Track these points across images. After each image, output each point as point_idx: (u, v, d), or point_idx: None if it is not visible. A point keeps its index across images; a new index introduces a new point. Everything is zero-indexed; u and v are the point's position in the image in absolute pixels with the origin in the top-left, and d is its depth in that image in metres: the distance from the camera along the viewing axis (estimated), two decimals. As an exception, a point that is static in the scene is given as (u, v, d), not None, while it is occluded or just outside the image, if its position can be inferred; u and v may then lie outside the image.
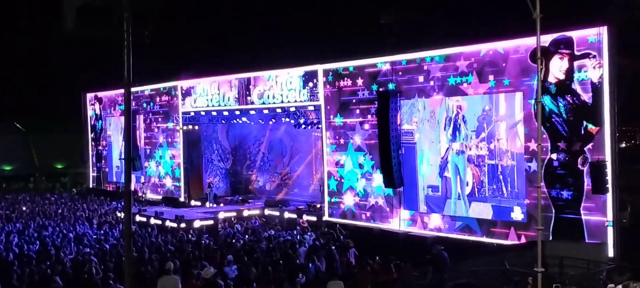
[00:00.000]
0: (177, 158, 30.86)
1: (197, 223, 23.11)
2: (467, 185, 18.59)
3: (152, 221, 24.25)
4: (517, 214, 17.30)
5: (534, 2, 8.04)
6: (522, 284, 10.41)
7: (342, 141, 22.17)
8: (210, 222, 23.47)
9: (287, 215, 24.40)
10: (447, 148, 19.11)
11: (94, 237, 20.41)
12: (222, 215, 24.50)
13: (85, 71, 38.72)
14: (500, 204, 17.68)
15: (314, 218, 23.03)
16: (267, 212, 25.59)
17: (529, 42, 16.62)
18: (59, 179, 45.29)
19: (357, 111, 21.69)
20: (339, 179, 22.32)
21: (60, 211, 27.65)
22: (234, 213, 25.07)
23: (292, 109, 24.43)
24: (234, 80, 26.65)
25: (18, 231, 21.70)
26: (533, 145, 16.66)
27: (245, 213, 25.41)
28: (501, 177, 17.72)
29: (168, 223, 23.74)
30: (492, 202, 17.89)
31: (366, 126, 21.45)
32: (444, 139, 19.16)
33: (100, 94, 37.10)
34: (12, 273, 13.82)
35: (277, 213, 24.99)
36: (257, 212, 25.71)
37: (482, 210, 18.16)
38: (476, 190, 18.33)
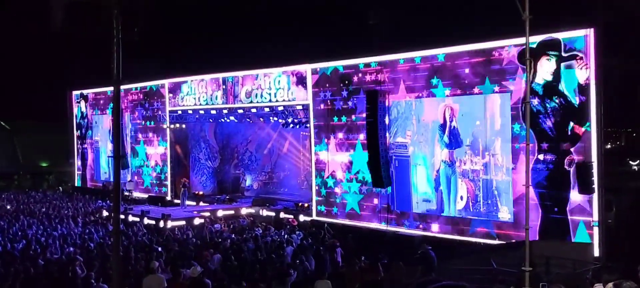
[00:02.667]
0: (163, 157, 30.70)
1: (182, 222, 22.97)
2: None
3: (133, 219, 24.16)
4: (504, 214, 17.39)
5: (523, 3, 8.07)
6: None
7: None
8: (196, 221, 23.33)
9: (274, 214, 24.33)
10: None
11: (79, 235, 20.23)
12: (207, 215, 24.38)
13: (70, 69, 38.38)
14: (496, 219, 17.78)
15: (302, 218, 23.00)
16: (254, 210, 25.51)
17: (517, 42, 16.75)
18: (44, 177, 44.87)
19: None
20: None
21: (45, 210, 27.37)
22: (221, 213, 24.94)
23: (280, 108, 24.40)
24: (221, 79, 26.56)
25: (2, 229, 21.45)
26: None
27: (233, 212, 25.30)
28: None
29: (149, 221, 23.65)
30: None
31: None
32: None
33: (86, 92, 36.81)
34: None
35: (264, 212, 24.91)
36: (244, 210, 25.61)
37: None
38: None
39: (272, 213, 24.48)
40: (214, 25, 33.17)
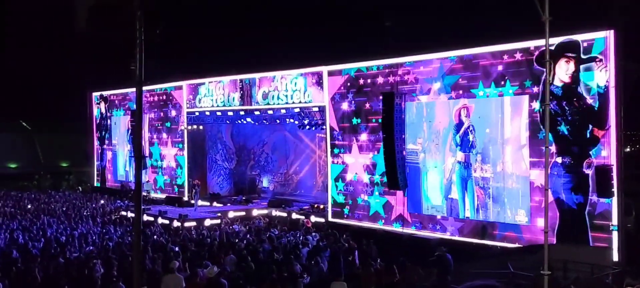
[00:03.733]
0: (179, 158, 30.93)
1: (198, 223, 23.11)
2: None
3: (148, 218, 24.38)
4: (521, 217, 17.28)
5: (543, 4, 8.03)
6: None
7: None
8: (214, 221, 23.47)
9: (290, 215, 24.39)
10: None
11: (98, 235, 20.45)
12: (224, 215, 24.53)
13: (91, 70, 38.85)
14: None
15: (318, 219, 23.04)
16: (267, 212, 25.59)
17: (535, 44, 16.67)
18: (64, 177, 45.40)
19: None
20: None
21: (64, 209, 27.72)
22: (239, 214, 25.06)
23: (297, 110, 24.46)
24: (238, 81, 26.71)
25: (23, 228, 21.75)
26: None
27: (255, 212, 25.40)
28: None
29: (167, 221, 23.83)
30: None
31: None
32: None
33: (105, 93, 37.22)
34: (35, 269, 13.89)
35: (280, 213, 24.98)
36: (261, 212, 25.72)
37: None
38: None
39: (284, 214, 24.56)
40: (231, 27, 33.35)
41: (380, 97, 20.25)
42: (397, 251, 16.47)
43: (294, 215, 24.35)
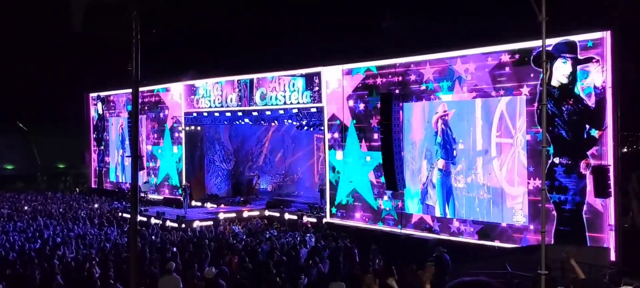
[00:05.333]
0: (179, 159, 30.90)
1: (196, 224, 23.08)
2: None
3: (154, 221, 24.31)
4: (519, 218, 17.29)
5: (540, 4, 8.03)
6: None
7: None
8: (210, 222, 23.44)
9: (289, 216, 24.39)
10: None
11: (96, 236, 20.42)
12: (222, 216, 24.50)
13: (87, 71, 38.79)
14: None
15: (315, 220, 23.04)
16: (268, 213, 25.59)
17: (532, 45, 16.68)
18: (61, 178, 45.35)
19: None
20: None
21: (62, 210, 27.67)
22: (230, 215, 25.02)
23: (295, 111, 24.45)
24: (237, 82, 26.70)
25: (20, 230, 21.71)
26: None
27: (246, 214, 25.40)
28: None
29: (169, 223, 23.77)
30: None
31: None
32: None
33: (103, 94, 37.19)
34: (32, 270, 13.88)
35: (278, 214, 24.97)
36: (252, 213, 25.69)
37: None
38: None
39: (277, 214, 24.57)
40: (229, 27, 33.29)
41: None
42: (395, 251, 16.48)
43: (287, 215, 24.34)
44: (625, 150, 31.69)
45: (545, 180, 15.15)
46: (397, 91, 20.18)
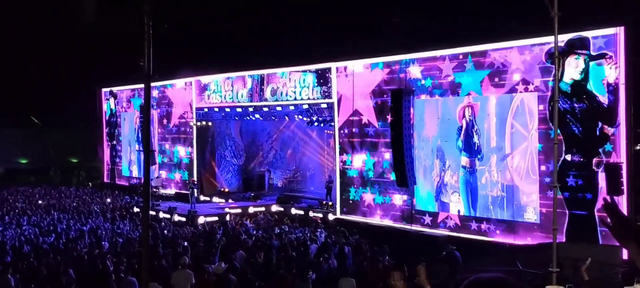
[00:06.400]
0: (190, 154, 31.04)
1: (204, 219, 23.17)
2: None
3: (162, 215, 24.50)
4: (530, 215, 17.21)
5: (552, 1, 7.98)
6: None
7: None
8: (218, 218, 23.53)
9: (299, 212, 24.43)
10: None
11: (108, 230, 20.59)
12: (232, 212, 24.60)
13: (100, 66, 39.06)
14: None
15: (325, 216, 23.06)
16: (279, 208, 25.65)
17: (544, 41, 16.56)
18: (74, 173, 45.72)
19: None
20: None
21: (75, 205, 27.91)
22: (236, 211, 25.10)
23: (305, 106, 24.47)
24: (247, 77, 26.76)
25: (34, 224, 21.93)
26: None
27: (251, 209, 25.50)
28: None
29: (176, 217, 23.95)
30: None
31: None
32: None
33: (115, 89, 37.43)
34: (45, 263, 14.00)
35: (289, 210, 25.03)
36: (269, 208, 25.78)
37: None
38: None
39: (297, 212, 24.60)
40: (240, 23, 33.29)
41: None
42: (405, 248, 16.45)
43: (294, 211, 24.39)
44: (638, 147, 31.45)
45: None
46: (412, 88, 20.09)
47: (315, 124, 25.56)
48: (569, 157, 16.16)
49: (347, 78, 22.48)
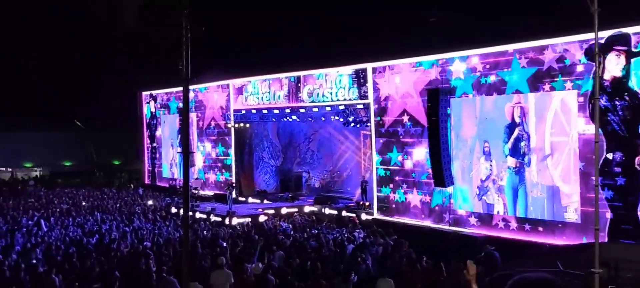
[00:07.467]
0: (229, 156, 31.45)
1: (245, 220, 23.43)
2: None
3: (198, 215, 24.90)
4: (571, 215, 16.89)
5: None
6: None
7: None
8: (258, 218, 23.76)
9: (337, 212, 24.50)
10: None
11: (150, 230, 20.99)
12: (269, 212, 24.82)
13: (142, 69, 39.91)
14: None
15: (363, 216, 23.08)
16: (316, 209, 25.76)
17: (584, 38, 16.25)
18: (116, 175, 46.81)
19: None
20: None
21: (118, 206, 28.56)
22: (269, 212, 25.27)
23: (342, 107, 24.53)
24: (284, 79, 26.97)
25: (78, 224, 22.52)
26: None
27: (284, 210, 25.64)
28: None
29: (213, 218, 24.29)
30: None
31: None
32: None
33: (155, 92, 38.16)
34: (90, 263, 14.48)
35: (327, 210, 25.11)
36: (307, 209, 25.92)
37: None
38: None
39: (335, 212, 24.67)
40: (278, 24, 33.52)
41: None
42: (443, 249, 16.36)
43: (327, 211, 24.40)
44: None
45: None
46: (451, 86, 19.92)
47: (352, 124, 25.60)
48: (610, 156, 15.81)
49: (392, 77, 22.34)
